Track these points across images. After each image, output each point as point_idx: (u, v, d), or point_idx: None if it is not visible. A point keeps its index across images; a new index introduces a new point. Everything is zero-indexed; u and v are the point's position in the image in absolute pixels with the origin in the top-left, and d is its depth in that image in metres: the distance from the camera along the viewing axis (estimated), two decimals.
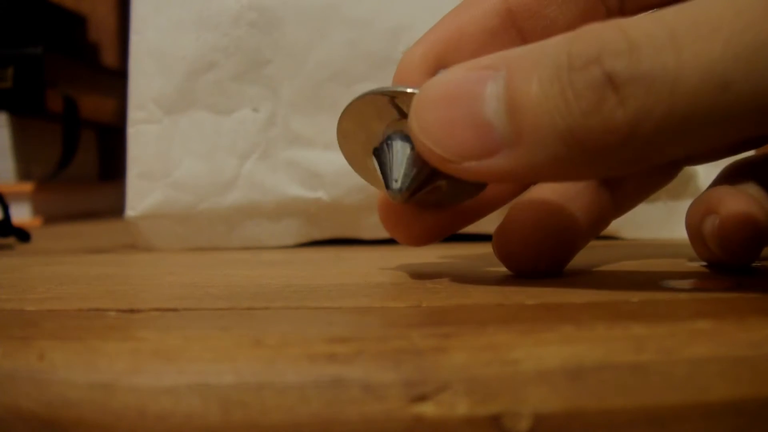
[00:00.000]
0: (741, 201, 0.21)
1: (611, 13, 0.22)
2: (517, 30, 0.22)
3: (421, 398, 0.14)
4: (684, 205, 0.33)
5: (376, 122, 0.21)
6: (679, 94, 0.15)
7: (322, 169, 0.32)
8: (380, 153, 0.21)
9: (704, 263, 0.24)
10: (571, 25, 0.22)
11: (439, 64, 0.21)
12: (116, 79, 0.61)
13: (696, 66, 0.15)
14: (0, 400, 0.14)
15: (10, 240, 0.38)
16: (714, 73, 0.15)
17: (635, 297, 0.18)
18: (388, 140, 0.20)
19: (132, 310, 0.18)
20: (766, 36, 0.15)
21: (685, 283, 0.20)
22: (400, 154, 0.20)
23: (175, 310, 0.18)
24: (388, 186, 0.20)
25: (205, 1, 0.33)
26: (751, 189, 0.22)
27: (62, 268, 0.27)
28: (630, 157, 0.17)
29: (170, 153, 0.33)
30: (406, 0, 0.32)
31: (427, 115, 0.18)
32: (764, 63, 0.15)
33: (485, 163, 0.18)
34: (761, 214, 0.21)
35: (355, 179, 0.32)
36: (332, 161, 0.32)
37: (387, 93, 0.20)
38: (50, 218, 0.53)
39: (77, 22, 0.69)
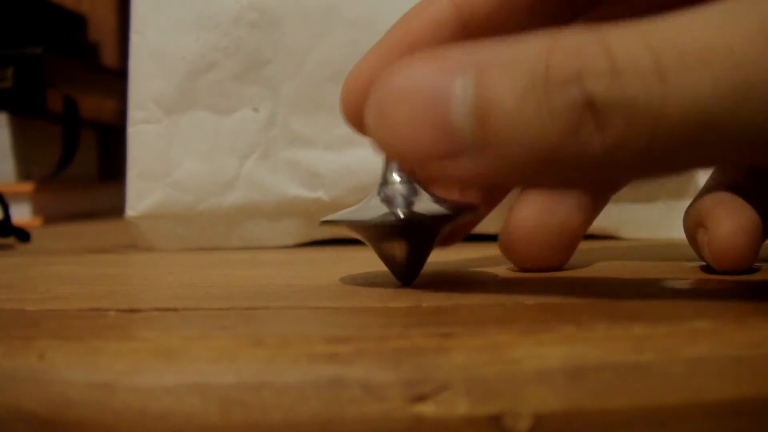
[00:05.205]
0: (729, 217, 0.21)
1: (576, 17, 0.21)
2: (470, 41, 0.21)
3: (421, 398, 0.14)
4: (684, 205, 0.32)
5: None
6: (661, 126, 0.15)
7: (322, 169, 0.32)
8: (379, 241, 0.21)
9: (704, 263, 0.24)
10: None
11: None
12: (116, 79, 0.61)
13: (681, 100, 0.15)
14: (0, 400, 0.14)
15: (10, 240, 0.38)
16: (699, 110, 0.15)
17: (635, 297, 0.18)
18: (387, 231, 0.21)
19: (132, 310, 0.18)
20: (759, 75, 0.14)
21: (685, 283, 0.20)
22: (399, 253, 0.21)
23: (175, 310, 0.18)
24: (394, 275, 0.21)
25: (205, 1, 0.33)
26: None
27: (62, 268, 0.27)
28: (602, 178, 0.16)
29: (170, 153, 0.33)
30: (406, 0, 0.32)
31: (388, 109, 0.17)
32: (752, 103, 0.14)
33: (447, 164, 0.17)
34: (751, 224, 0.21)
35: (355, 179, 0.32)
36: (332, 161, 0.32)
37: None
38: (50, 218, 0.53)
39: (77, 22, 0.69)
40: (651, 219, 0.33)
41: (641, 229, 0.33)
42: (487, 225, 0.25)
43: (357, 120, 0.21)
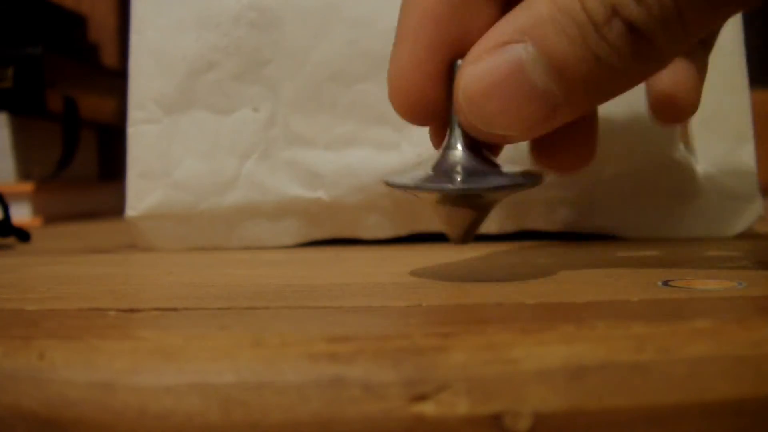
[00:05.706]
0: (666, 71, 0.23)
1: None
2: None
3: (422, 398, 0.14)
4: (684, 205, 0.33)
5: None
6: (687, 21, 0.18)
7: (322, 169, 0.32)
8: (439, 206, 0.21)
9: (704, 267, 0.24)
10: None
11: (441, 58, 0.20)
12: (116, 79, 0.61)
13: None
14: (0, 400, 0.14)
15: (10, 240, 0.38)
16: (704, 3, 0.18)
17: (635, 297, 0.18)
18: (449, 201, 0.21)
19: (132, 310, 0.18)
20: None
21: (685, 283, 0.20)
22: (457, 221, 0.21)
23: (175, 309, 0.18)
24: (451, 238, 0.22)
25: (205, 1, 0.33)
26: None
27: (62, 268, 0.27)
28: (660, 69, 0.19)
29: (170, 153, 0.33)
30: None
31: (484, 110, 0.19)
32: None
33: (550, 124, 0.19)
34: (685, 72, 0.23)
35: (355, 179, 0.32)
36: (332, 161, 0.32)
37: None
38: (50, 218, 0.53)
39: (77, 22, 0.69)
40: (651, 219, 0.33)
41: (641, 229, 0.33)
42: (487, 225, 0.25)
43: (414, 115, 0.22)
